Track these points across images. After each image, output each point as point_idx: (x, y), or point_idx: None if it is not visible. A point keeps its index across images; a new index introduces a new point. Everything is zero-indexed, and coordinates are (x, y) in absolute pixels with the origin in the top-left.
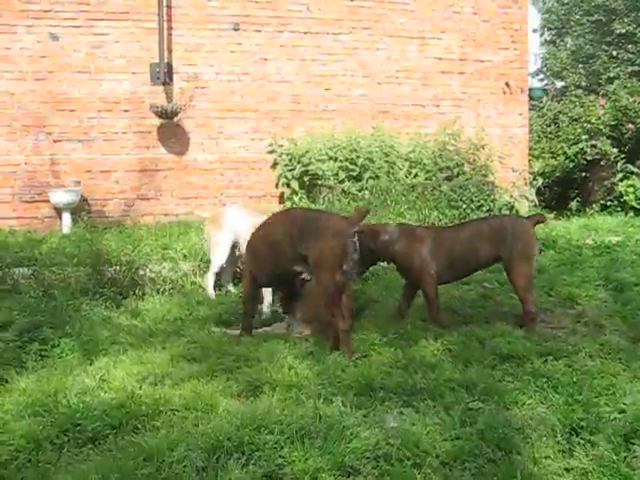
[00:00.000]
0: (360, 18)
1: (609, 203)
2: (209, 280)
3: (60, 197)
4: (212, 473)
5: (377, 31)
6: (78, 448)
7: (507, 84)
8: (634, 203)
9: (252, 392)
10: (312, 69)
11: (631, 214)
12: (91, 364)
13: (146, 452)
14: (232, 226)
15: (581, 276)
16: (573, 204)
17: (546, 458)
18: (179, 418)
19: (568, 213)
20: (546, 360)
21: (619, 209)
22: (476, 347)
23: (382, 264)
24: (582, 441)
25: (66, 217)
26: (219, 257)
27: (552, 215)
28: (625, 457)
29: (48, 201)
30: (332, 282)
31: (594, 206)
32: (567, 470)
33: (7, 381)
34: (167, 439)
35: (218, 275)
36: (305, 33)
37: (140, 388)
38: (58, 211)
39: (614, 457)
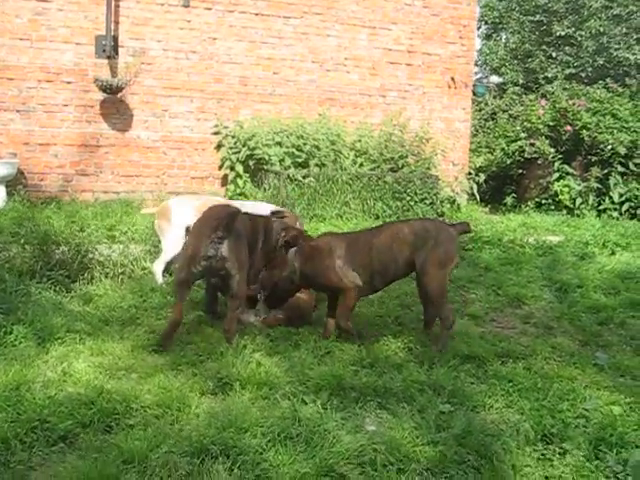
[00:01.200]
0: (312, 3)
1: (544, 201)
2: (158, 268)
3: None
4: (198, 478)
5: (328, 17)
6: (49, 447)
7: (452, 79)
8: (568, 202)
9: (221, 389)
10: (261, 51)
11: (564, 212)
12: (47, 353)
13: (126, 454)
14: (180, 217)
15: (526, 276)
16: (508, 200)
17: (526, 466)
18: (152, 416)
19: (503, 208)
20: (504, 362)
21: (553, 207)
22: None
23: None
24: (555, 449)
25: (1, 190)
26: (171, 249)
27: (487, 209)
28: (597, 465)
29: None
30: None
31: (529, 203)
32: (547, 478)
33: None
34: (147, 440)
35: (168, 263)
36: (256, 14)
37: (106, 382)
38: None
39: (590, 466)
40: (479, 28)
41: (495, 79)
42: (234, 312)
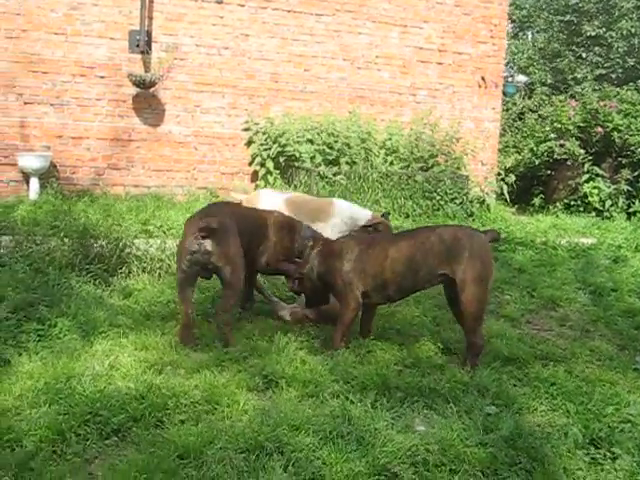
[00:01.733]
0: (344, 1)
1: (572, 202)
2: None
3: (29, 161)
4: (254, 474)
5: (360, 15)
6: (102, 440)
7: (482, 78)
8: (597, 205)
9: (267, 386)
10: (293, 48)
11: (593, 214)
12: (91, 346)
13: (181, 449)
14: (269, 206)
15: (560, 278)
16: (536, 200)
17: (578, 470)
18: (202, 412)
19: (530, 209)
20: (546, 365)
21: (582, 209)
22: None
23: None
24: (606, 453)
25: (34, 182)
26: None
27: (514, 209)
28: None
29: (15, 165)
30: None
31: (557, 204)
32: None
33: (9, 362)
34: (200, 436)
35: None
36: (288, 11)
37: (154, 377)
38: (25, 176)
39: None
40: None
41: (522, 78)
42: (228, 300)
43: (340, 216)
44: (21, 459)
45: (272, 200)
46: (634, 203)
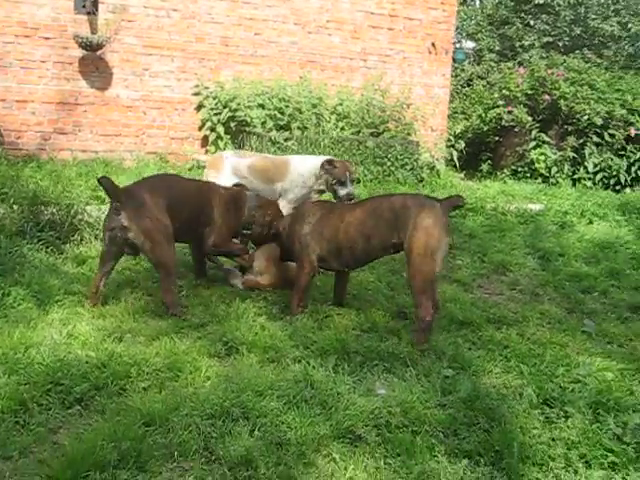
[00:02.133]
0: None
1: (519, 169)
2: None
3: None
4: (220, 440)
5: None
6: (65, 410)
7: (433, 44)
8: (544, 171)
9: (227, 352)
10: (243, 12)
11: (539, 181)
12: (47, 315)
13: (146, 416)
14: (231, 170)
15: (510, 243)
16: (484, 166)
17: (534, 429)
18: (164, 379)
19: (478, 174)
20: (499, 328)
21: (528, 175)
22: None
23: None
24: (559, 412)
25: None
26: None
27: (462, 175)
28: (598, 427)
29: None
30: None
31: (505, 170)
32: (554, 440)
33: None
34: (164, 403)
35: None
36: None
37: (114, 345)
38: None
39: (592, 428)
40: None
41: (470, 44)
42: (163, 281)
43: (296, 171)
44: None
45: (235, 165)
46: (579, 170)
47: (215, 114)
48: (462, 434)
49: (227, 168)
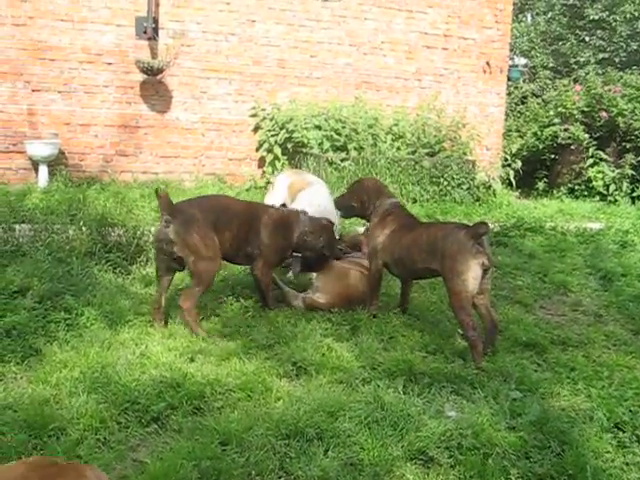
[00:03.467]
0: None
1: (576, 187)
2: None
3: (37, 149)
4: (296, 460)
5: (366, 1)
6: (143, 428)
7: (487, 63)
8: (601, 189)
9: (297, 373)
10: (299, 34)
11: (596, 199)
12: (119, 335)
13: (223, 436)
14: (277, 192)
15: (570, 263)
16: (540, 185)
17: (607, 453)
18: (237, 399)
19: (534, 193)
20: (564, 350)
21: (586, 193)
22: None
23: None
24: (632, 436)
25: (43, 170)
26: None
27: (517, 193)
28: None
29: (24, 152)
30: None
31: (561, 189)
32: (628, 465)
33: (40, 351)
34: (239, 423)
35: None
36: None
37: (187, 365)
38: (34, 163)
39: None
40: None
41: (522, 61)
42: (191, 289)
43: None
44: (68, 447)
45: (279, 184)
46: (638, 187)
47: (272, 135)
48: (534, 457)
49: (278, 187)
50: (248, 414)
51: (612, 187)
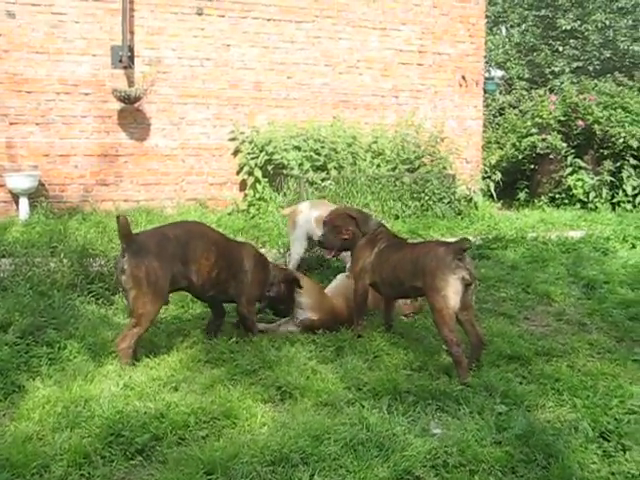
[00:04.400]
0: (323, 7)
1: (557, 196)
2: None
3: (17, 182)
4: None
5: (339, 20)
6: (128, 461)
7: (463, 77)
8: (582, 196)
9: (281, 397)
10: (274, 57)
11: (577, 206)
12: (103, 367)
13: (208, 465)
14: (303, 222)
15: (553, 273)
16: (521, 195)
17: (593, 463)
18: (222, 427)
19: (516, 203)
20: (548, 361)
21: (566, 202)
22: None
23: None
24: (617, 445)
25: (23, 202)
26: (296, 251)
27: (499, 204)
28: None
29: (3, 185)
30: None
31: (542, 198)
32: (613, 474)
33: (23, 387)
34: (224, 451)
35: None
36: (268, 20)
37: (171, 395)
38: (14, 196)
39: None
40: None
41: (498, 73)
42: (129, 330)
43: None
44: None
45: (305, 214)
46: (617, 194)
47: (252, 158)
48: (520, 471)
49: (299, 224)
50: (233, 442)
51: (592, 194)
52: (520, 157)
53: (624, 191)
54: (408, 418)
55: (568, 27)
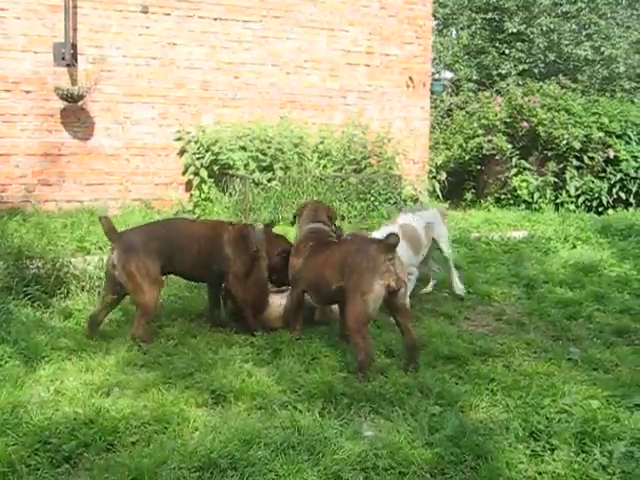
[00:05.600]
0: (270, 7)
1: (503, 196)
2: None
3: None
4: None
5: (287, 21)
6: (54, 469)
7: (410, 78)
8: (526, 197)
9: (215, 401)
10: (221, 56)
11: (522, 207)
12: (35, 372)
13: (134, 472)
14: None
15: (494, 273)
16: (468, 195)
17: (520, 463)
18: (153, 432)
19: (463, 204)
20: (485, 361)
21: (512, 202)
22: None
23: None
24: (545, 445)
25: None
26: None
27: (447, 204)
28: (584, 459)
29: None
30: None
31: (488, 198)
32: (540, 474)
33: None
34: (152, 457)
35: None
36: (215, 19)
37: (102, 400)
38: None
39: (578, 460)
40: None
41: (448, 75)
42: (139, 319)
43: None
44: None
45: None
46: (561, 194)
47: (198, 158)
48: (449, 473)
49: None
50: (162, 447)
51: (536, 195)
52: (467, 158)
53: (567, 192)
54: (341, 421)
55: (515, 30)
